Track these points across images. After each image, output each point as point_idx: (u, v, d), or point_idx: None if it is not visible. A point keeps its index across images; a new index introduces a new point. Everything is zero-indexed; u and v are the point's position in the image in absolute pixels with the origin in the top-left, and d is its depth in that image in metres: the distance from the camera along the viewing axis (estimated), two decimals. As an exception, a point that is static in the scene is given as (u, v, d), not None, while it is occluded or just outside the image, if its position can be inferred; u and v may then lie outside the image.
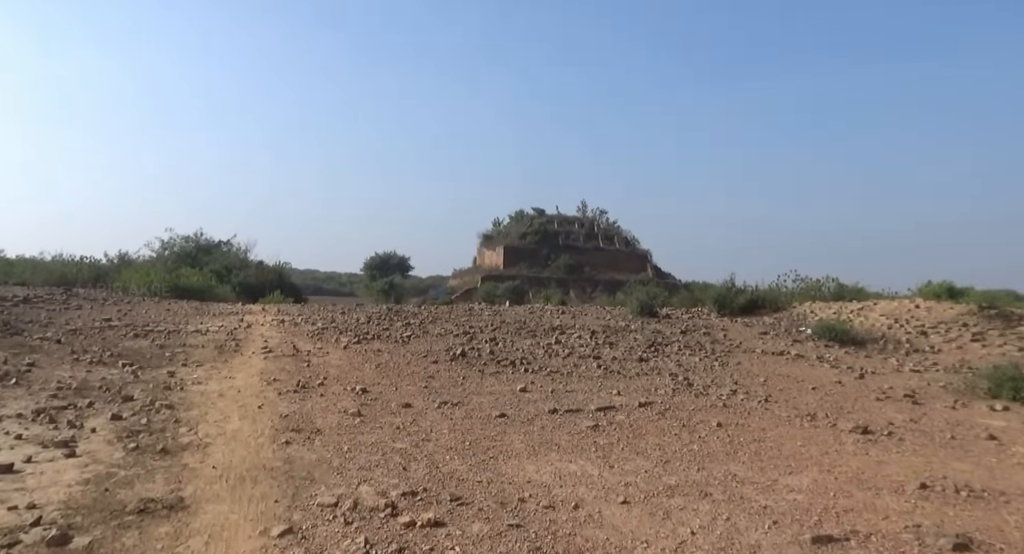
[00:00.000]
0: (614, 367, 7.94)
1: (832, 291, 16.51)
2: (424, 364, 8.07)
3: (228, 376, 7.26)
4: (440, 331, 11.01)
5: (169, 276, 24.84)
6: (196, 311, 13.75)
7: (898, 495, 3.70)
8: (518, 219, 53.29)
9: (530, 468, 4.18)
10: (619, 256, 48.42)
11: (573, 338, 10.19)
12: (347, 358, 8.49)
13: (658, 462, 4.31)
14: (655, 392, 6.54)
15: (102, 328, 10.34)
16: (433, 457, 4.41)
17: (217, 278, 27.39)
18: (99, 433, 4.93)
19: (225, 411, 5.67)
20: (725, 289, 14.32)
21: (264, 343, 9.58)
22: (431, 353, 8.81)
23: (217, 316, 13.03)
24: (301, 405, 5.91)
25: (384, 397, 6.29)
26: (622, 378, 7.33)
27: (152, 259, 30.31)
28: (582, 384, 6.97)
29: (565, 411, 5.64)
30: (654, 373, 7.62)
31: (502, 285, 44.52)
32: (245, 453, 4.46)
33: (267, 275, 30.59)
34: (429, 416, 5.55)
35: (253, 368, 7.76)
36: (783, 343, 10.26)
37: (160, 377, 7.10)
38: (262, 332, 10.78)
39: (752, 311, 14.02)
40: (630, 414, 5.58)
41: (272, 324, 11.74)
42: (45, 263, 23.79)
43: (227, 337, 10.07)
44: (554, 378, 7.28)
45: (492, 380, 7.16)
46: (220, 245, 33.61)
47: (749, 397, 6.29)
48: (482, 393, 6.49)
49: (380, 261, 55.71)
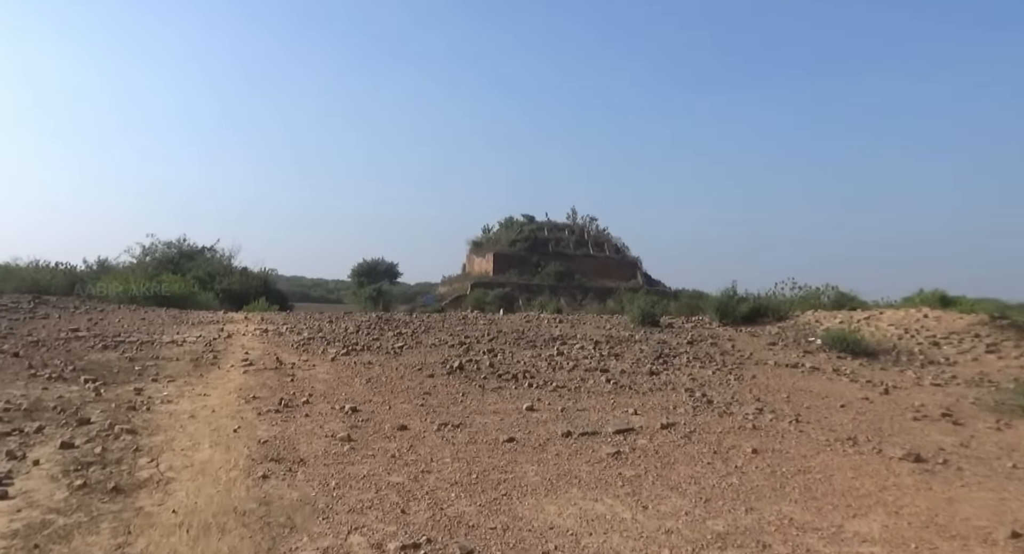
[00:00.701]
0: (624, 381, 7.32)
1: (832, 299, 16.08)
2: (419, 378, 7.40)
3: (203, 393, 6.53)
4: (434, 341, 10.33)
5: (150, 283, 23.93)
6: (174, 320, 12.94)
7: (990, 547, 3.12)
8: (507, 226, 52.75)
9: (550, 509, 3.53)
10: (609, 263, 48.02)
11: (575, 349, 9.56)
12: (335, 372, 7.79)
13: (697, 500, 3.68)
14: (674, 411, 5.93)
15: (68, 339, 9.53)
16: (436, 494, 3.75)
17: (200, 285, 26.43)
18: (42, 466, 4.20)
19: (195, 436, 4.96)
20: (726, 297, 13.80)
21: (245, 355, 8.84)
22: (426, 366, 8.13)
23: (196, 325, 12.23)
24: (283, 428, 5.21)
25: (376, 417, 5.60)
26: (635, 394, 6.71)
27: (133, 265, 29.31)
28: (593, 401, 6.34)
29: (580, 434, 5.01)
30: (668, 388, 7.01)
31: (492, 292, 43.88)
32: (214, 491, 3.76)
33: (252, 282, 29.66)
34: (428, 441, 4.88)
35: (231, 384, 7.03)
36: (794, 354, 9.72)
37: (125, 395, 6.35)
38: (243, 343, 10.03)
39: (754, 320, 13.52)
40: (653, 437, 4.96)
41: (255, 334, 10.98)
42: (16, 269, 22.71)
43: (205, 348, 9.31)
44: (562, 394, 6.64)
45: (495, 397, 6.51)
46: (203, 251, 32.62)
47: (778, 417, 5.70)
48: (485, 412, 5.83)
49: (368, 268, 54.81)
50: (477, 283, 47.08)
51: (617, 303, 39.42)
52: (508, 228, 52.37)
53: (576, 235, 50.61)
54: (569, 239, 50.04)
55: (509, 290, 45.26)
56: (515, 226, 51.99)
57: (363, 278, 53.61)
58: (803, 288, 17.22)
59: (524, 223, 51.91)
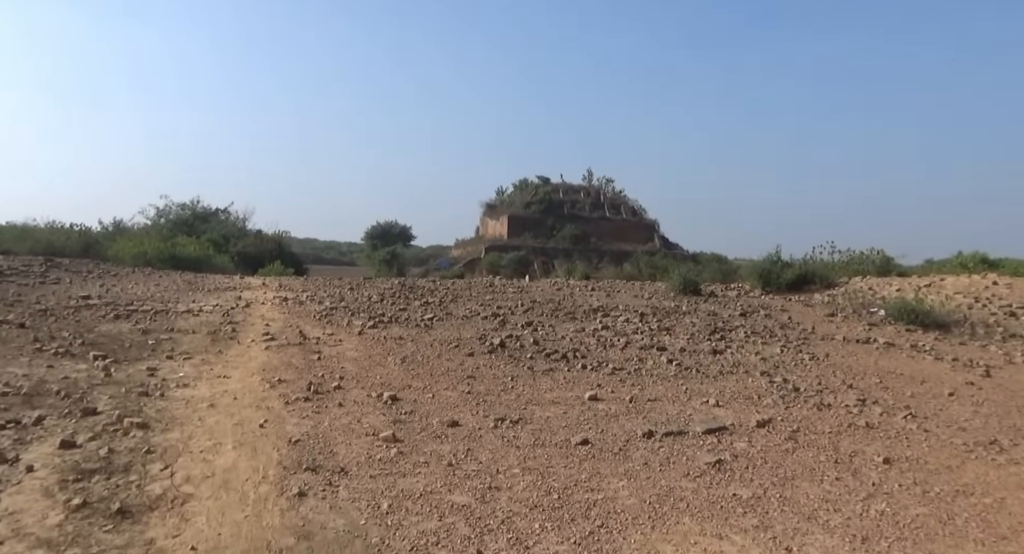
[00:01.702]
0: (688, 362, 6.50)
1: (877, 264, 15.05)
2: (458, 357, 6.62)
3: (222, 375, 5.79)
4: (465, 312, 9.54)
5: (164, 245, 23.27)
6: (189, 286, 12.23)
7: None
8: (522, 188, 51.39)
9: (666, 551, 2.75)
10: (626, 226, 46.80)
11: (620, 322, 8.73)
12: (364, 348, 7.03)
13: (852, 540, 2.86)
14: (760, 401, 5.11)
15: (78, 308, 8.83)
16: (514, 524, 2.98)
17: (215, 247, 25.76)
18: (37, 473, 3.47)
19: (216, 432, 4.22)
20: (769, 263, 12.81)
21: (265, 327, 8.11)
22: (463, 342, 7.35)
23: (212, 292, 11.51)
24: (316, 422, 4.46)
25: (421, 408, 4.84)
26: (705, 378, 5.89)
27: (147, 227, 28.65)
28: (661, 388, 5.53)
29: (664, 434, 4.21)
30: (740, 371, 6.18)
31: (507, 256, 43.00)
32: (241, 516, 3.01)
33: (266, 245, 28.96)
34: (487, 442, 4.11)
35: (253, 363, 6.30)
36: (859, 328, 8.83)
37: (137, 376, 5.63)
38: (263, 313, 9.29)
39: (799, 287, 12.58)
40: (752, 439, 4.15)
41: (274, 303, 10.24)
42: (32, 230, 22.07)
43: (223, 319, 8.58)
44: (623, 379, 5.83)
45: (547, 381, 5.72)
46: (217, 213, 31.88)
47: (887, 411, 4.85)
48: (542, 402, 5.04)
49: (381, 231, 53.98)
50: (491, 246, 46.17)
51: (634, 266, 38.45)
52: (522, 190, 51.03)
53: (592, 197, 49.22)
54: (585, 201, 48.70)
55: (524, 253, 44.33)
56: (530, 188, 50.64)
57: (376, 241, 52.90)
58: (844, 252, 16.16)
59: (539, 185, 50.52)
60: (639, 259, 43.16)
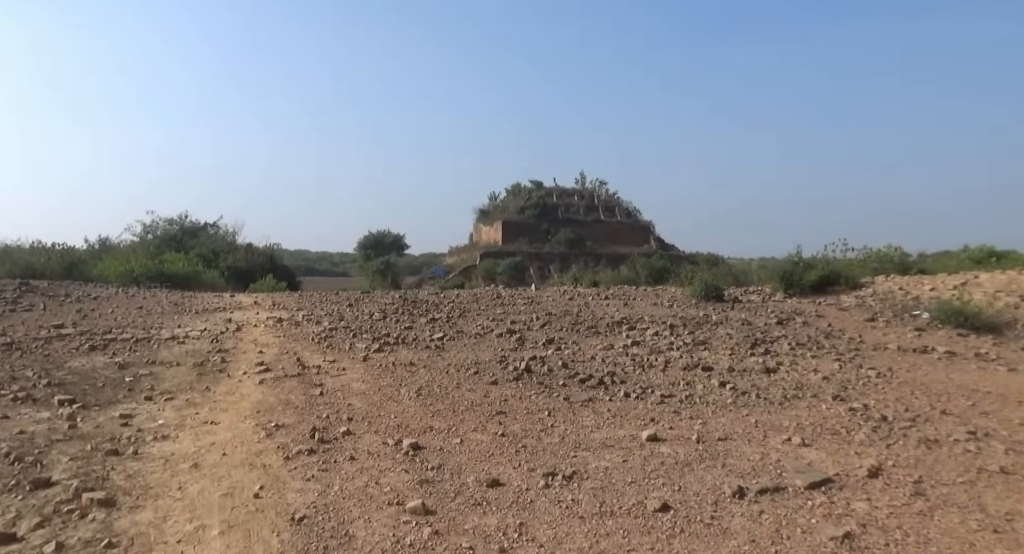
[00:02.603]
0: (741, 384, 5.67)
1: (896, 262, 14.35)
2: (481, 386, 5.76)
3: (209, 420, 4.89)
4: (477, 329, 8.67)
5: (152, 262, 22.29)
6: (175, 308, 11.27)
7: None
8: (515, 192, 50.71)
9: None
10: (621, 228, 46.17)
11: (650, 335, 7.90)
12: (372, 378, 6.15)
13: None
14: (850, 437, 4.27)
15: (49, 339, 7.88)
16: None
17: (204, 263, 24.78)
18: (-43, 591, 2.58)
19: (199, 508, 3.32)
20: (791, 264, 12.03)
21: (259, 355, 7.21)
22: (482, 366, 6.49)
23: (200, 314, 10.57)
24: (324, 485, 3.58)
25: (450, 460, 3.97)
26: (769, 406, 5.06)
27: (134, 244, 27.61)
28: (724, 420, 4.69)
29: (758, 491, 3.36)
30: (807, 394, 5.35)
31: (503, 262, 42.15)
32: None
33: (257, 258, 27.97)
34: (540, 509, 3.25)
35: (245, 401, 5.40)
36: (909, 334, 8.04)
37: (108, 426, 4.72)
38: (255, 337, 8.38)
39: (823, 289, 11.82)
40: (871, 496, 3.31)
41: (267, 325, 9.33)
42: (10, 251, 20.92)
43: (211, 347, 7.67)
44: (675, 409, 4.99)
45: (590, 415, 4.86)
46: (206, 227, 30.86)
47: (1012, 447, 4.00)
48: (593, 445, 4.19)
49: (374, 240, 53.04)
50: (486, 253, 45.36)
51: (631, 269, 37.69)
52: (516, 195, 50.34)
53: (586, 200, 48.58)
54: (579, 205, 48.05)
55: (520, 259, 43.54)
56: (523, 193, 49.95)
57: (370, 250, 51.93)
58: (859, 250, 15.41)
59: (532, 189, 49.85)
60: (636, 262, 42.43)
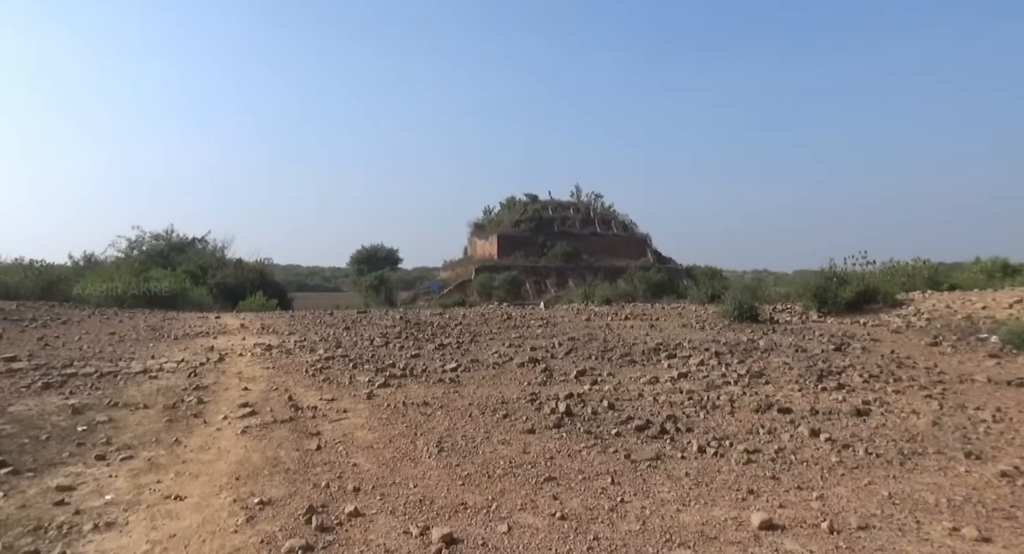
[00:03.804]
0: (836, 433, 4.57)
1: (926, 277, 13.44)
2: (514, 435, 4.63)
3: (173, 493, 3.71)
4: (494, 357, 7.56)
5: (136, 280, 21.03)
6: (153, 334, 10.06)
7: None
8: (510, 206, 49.81)
9: None
10: (617, 241, 45.30)
11: (695, 364, 6.82)
12: (380, 424, 5.00)
13: None
14: (1021, 516, 3.21)
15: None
16: None
17: (192, 280, 23.51)
18: None
19: None
20: (825, 280, 11.04)
21: (243, 392, 6.05)
22: (510, 407, 5.37)
23: (180, 341, 9.37)
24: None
25: (498, 564, 2.84)
26: (890, 467, 3.96)
27: (119, 261, 26.30)
28: (843, 490, 3.59)
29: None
30: (928, 448, 4.25)
31: (498, 276, 41.05)
32: None
33: (247, 274, 26.68)
34: None
35: (223, 461, 4.24)
36: (985, 361, 7.03)
37: (37, 506, 3.53)
38: (240, 369, 7.21)
39: (859, 307, 10.83)
40: None
41: (254, 353, 8.16)
42: (-18, 271, 19.58)
43: (188, 383, 6.49)
44: (772, 473, 3.88)
45: (665, 483, 3.75)
46: (194, 243, 29.59)
47: None
48: (688, 537, 3.07)
49: (367, 254, 51.85)
50: (482, 267, 44.28)
51: (629, 283, 36.76)
52: (510, 208, 49.43)
53: (582, 213, 47.73)
54: (575, 218, 47.19)
55: (516, 273, 42.48)
56: (518, 206, 49.05)
57: (363, 265, 50.72)
58: (880, 264, 14.47)
59: (527, 203, 48.96)
60: (634, 275, 41.53)
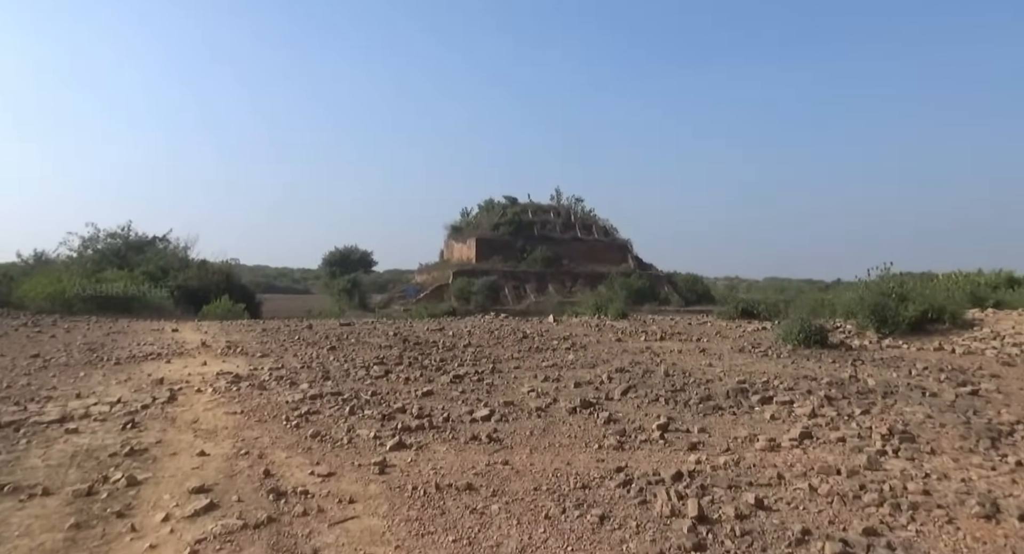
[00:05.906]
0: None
1: (968, 292, 12.23)
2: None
3: None
4: (533, 400, 5.77)
5: (87, 281, 18.55)
6: (89, 355, 7.93)
7: None
8: (489, 208, 48.00)
9: None
10: (599, 246, 43.98)
11: (804, 415, 5.18)
12: (411, 537, 3.15)
13: None
14: None
15: None
16: None
17: (151, 281, 20.98)
18: None
19: None
20: (882, 296, 9.60)
21: (199, 459, 4.11)
22: (597, 498, 3.58)
23: (122, 367, 7.30)
24: None
25: None
26: None
27: (71, 260, 23.54)
28: None
29: None
30: None
31: (477, 281, 39.23)
32: None
33: (212, 276, 24.18)
34: None
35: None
36: None
37: None
38: (197, 415, 5.24)
39: (922, 327, 9.46)
40: None
41: (217, 388, 6.17)
42: None
43: (120, 441, 4.49)
44: None
45: None
46: (155, 242, 26.81)
47: None
48: None
49: (340, 256, 49.29)
50: (459, 271, 42.32)
51: (610, 289, 35.36)
52: (489, 211, 47.63)
53: (563, 217, 46.27)
54: (555, 222, 45.69)
55: (495, 278, 40.69)
56: (497, 209, 47.30)
57: (335, 268, 48.19)
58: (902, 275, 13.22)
59: (507, 205, 47.25)
60: (615, 281, 40.14)
